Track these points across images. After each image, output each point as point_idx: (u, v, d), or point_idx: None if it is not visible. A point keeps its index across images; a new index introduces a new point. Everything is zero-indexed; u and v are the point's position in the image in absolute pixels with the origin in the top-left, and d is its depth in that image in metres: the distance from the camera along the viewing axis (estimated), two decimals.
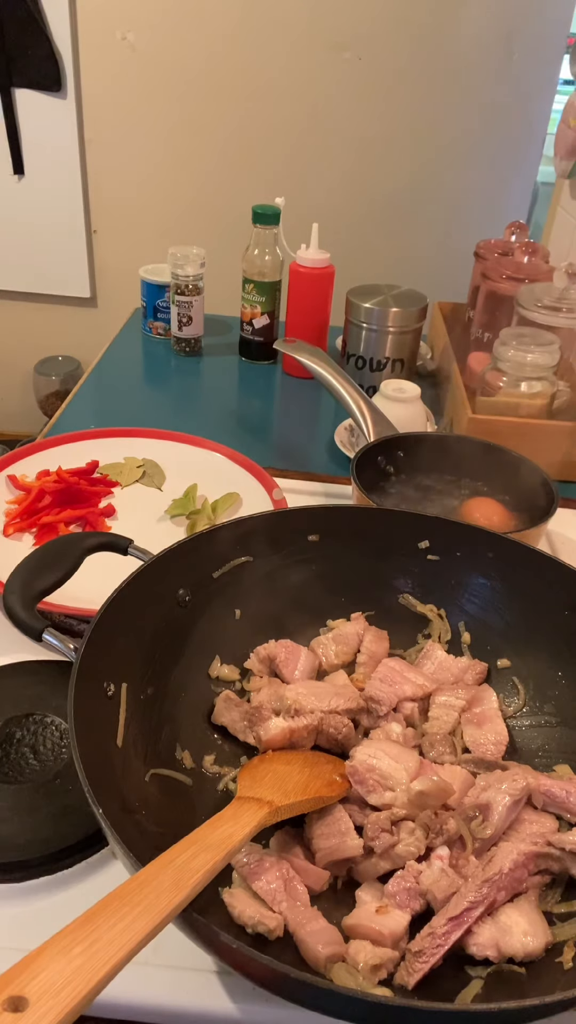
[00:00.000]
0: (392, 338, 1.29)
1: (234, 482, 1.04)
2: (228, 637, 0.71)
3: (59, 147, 2.10)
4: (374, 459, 0.95)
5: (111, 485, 1.03)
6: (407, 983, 0.49)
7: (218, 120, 2.06)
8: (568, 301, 1.15)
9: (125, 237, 2.24)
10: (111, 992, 0.38)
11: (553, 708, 0.68)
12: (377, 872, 0.56)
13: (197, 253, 1.41)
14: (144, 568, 0.64)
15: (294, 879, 0.54)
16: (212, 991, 0.55)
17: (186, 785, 0.61)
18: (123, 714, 0.58)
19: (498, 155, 2.08)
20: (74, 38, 1.97)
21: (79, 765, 0.48)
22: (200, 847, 0.46)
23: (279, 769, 0.58)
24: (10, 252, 2.26)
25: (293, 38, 1.95)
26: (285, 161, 2.10)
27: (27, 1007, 0.34)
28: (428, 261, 2.11)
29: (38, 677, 0.74)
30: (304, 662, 0.70)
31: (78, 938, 0.37)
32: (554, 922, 0.54)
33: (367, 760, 0.59)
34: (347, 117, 2.05)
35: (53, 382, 2.40)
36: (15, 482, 1.00)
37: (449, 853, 0.55)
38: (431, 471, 0.98)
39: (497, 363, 1.12)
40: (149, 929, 0.39)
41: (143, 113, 2.07)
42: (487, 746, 0.65)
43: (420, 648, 0.74)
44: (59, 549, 0.68)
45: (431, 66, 1.97)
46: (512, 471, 0.94)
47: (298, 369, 1.40)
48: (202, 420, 1.28)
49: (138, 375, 1.48)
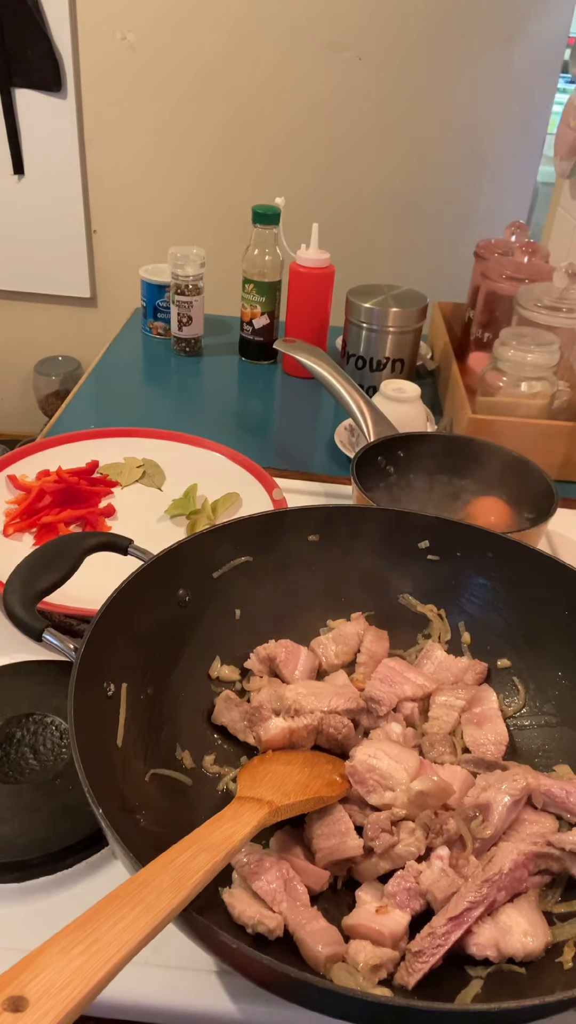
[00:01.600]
0: (392, 338, 1.29)
1: (234, 482, 1.04)
2: (228, 637, 0.71)
3: (59, 147, 2.10)
4: (374, 459, 0.95)
5: (111, 485, 1.03)
6: (407, 983, 0.49)
7: (218, 120, 2.06)
8: (568, 301, 1.15)
9: (125, 237, 2.24)
10: (111, 992, 0.38)
11: (553, 708, 0.68)
12: (377, 872, 0.56)
13: (197, 253, 1.41)
14: (144, 568, 0.64)
15: (294, 879, 0.54)
16: (212, 991, 0.55)
17: (186, 785, 0.61)
18: (123, 714, 0.58)
19: (498, 155, 2.08)
20: (74, 38, 1.97)
21: (79, 765, 0.48)
22: (200, 847, 0.46)
23: (279, 769, 0.58)
24: (10, 252, 2.25)
25: (293, 38, 1.95)
26: (285, 161, 2.10)
27: (27, 1007, 0.34)
28: (428, 261, 2.11)
29: (38, 677, 0.74)
30: (304, 662, 0.70)
31: (78, 938, 0.38)
32: (554, 922, 0.54)
33: (367, 760, 0.59)
34: (347, 117, 2.05)
35: (53, 382, 2.40)
36: (15, 482, 1.00)
37: (449, 853, 0.55)
38: (431, 471, 0.98)
39: (497, 363, 1.12)
40: (149, 929, 0.39)
41: (143, 113, 2.07)
42: (487, 746, 0.65)
43: (420, 648, 0.74)
44: (59, 549, 0.68)
45: (431, 66, 1.97)
46: (512, 471, 0.94)
47: (298, 369, 1.40)
48: (202, 420, 1.28)
49: (138, 375, 1.48)
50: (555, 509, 0.86)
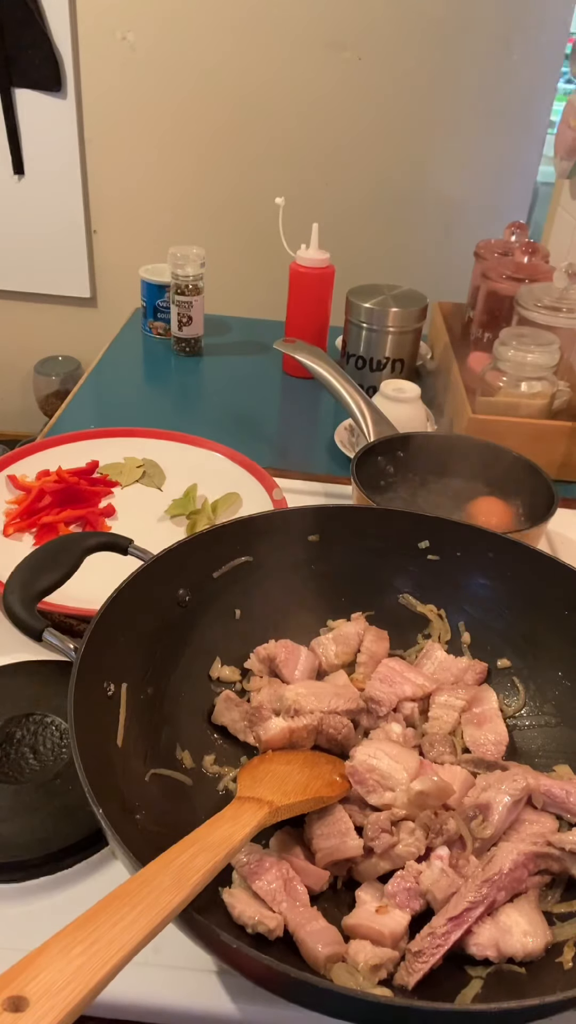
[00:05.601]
0: (392, 338, 1.29)
1: (234, 482, 1.04)
2: (228, 637, 0.71)
3: (59, 147, 2.10)
4: (374, 459, 0.95)
5: (111, 485, 1.03)
6: (407, 983, 0.49)
7: (218, 120, 2.06)
8: (568, 301, 1.15)
9: (125, 237, 2.23)
10: (111, 992, 0.38)
11: (553, 708, 0.68)
12: (377, 872, 0.56)
13: (197, 253, 1.41)
14: (144, 568, 0.64)
15: (294, 879, 0.54)
16: (212, 991, 0.55)
17: (186, 785, 0.61)
18: (123, 714, 0.58)
19: (498, 155, 2.08)
20: (74, 38, 1.97)
21: (79, 765, 0.48)
22: (200, 847, 0.46)
23: (279, 769, 0.58)
24: (10, 252, 2.25)
25: (293, 38, 1.95)
26: (285, 161, 2.10)
27: (27, 1007, 0.34)
28: (428, 261, 2.11)
29: (38, 677, 0.74)
30: (304, 662, 0.70)
31: (78, 938, 0.37)
32: (554, 922, 0.54)
33: (367, 760, 0.59)
34: (347, 117, 2.05)
35: (53, 382, 2.40)
36: (15, 482, 1.00)
37: (449, 853, 0.55)
38: (431, 471, 0.98)
39: (497, 363, 1.12)
40: (149, 929, 0.39)
41: (143, 113, 2.07)
42: (487, 746, 0.65)
43: (420, 648, 0.74)
44: (59, 549, 0.68)
45: (431, 66, 1.97)
46: (512, 471, 0.94)
47: (298, 369, 1.40)
48: (202, 420, 1.28)
49: (138, 375, 1.48)
50: (555, 509, 0.86)
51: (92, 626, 0.57)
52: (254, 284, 2.01)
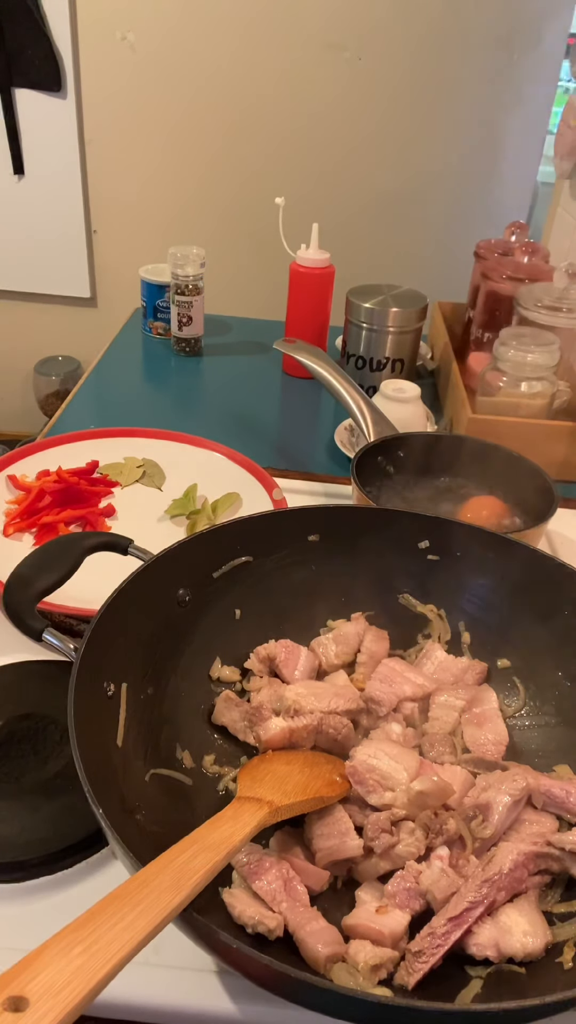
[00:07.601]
0: (392, 338, 1.29)
1: (234, 482, 1.04)
2: (228, 637, 0.71)
3: (59, 147, 2.10)
4: (374, 459, 0.95)
5: (111, 485, 1.03)
6: (407, 983, 0.49)
7: (218, 120, 2.07)
8: (568, 301, 1.15)
9: (125, 237, 2.24)
10: (111, 992, 0.38)
11: (553, 708, 0.68)
12: (377, 872, 0.56)
13: (197, 253, 1.41)
14: (144, 568, 0.64)
15: (294, 879, 0.54)
16: (212, 991, 0.55)
17: (186, 785, 0.61)
18: (123, 714, 0.58)
19: (498, 155, 2.08)
20: (74, 38, 1.97)
21: (79, 765, 0.48)
22: (200, 847, 0.46)
23: (279, 769, 0.58)
24: (10, 252, 2.26)
25: (293, 38, 1.96)
26: (285, 161, 2.10)
27: (27, 1007, 0.34)
28: (428, 261, 2.11)
29: (38, 677, 0.74)
30: (304, 662, 0.70)
31: (78, 938, 0.37)
32: (554, 922, 0.54)
33: (367, 760, 0.59)
34: (347, 117, 2.05)
35: (53, 382, 2.40)
36: (15, 482, 1.00)
37: (449, 853, 0.55)
38: (431, 471, 0.98)
39: (497, 363, 1.12)
40: (149, 929, 0.39)
41: (143, 113, 2.07)
42: (487, 746, 0.65)
43: (420, 648, 0.74)
44: (59, 549, 0.68)
45: (431, 66, 1.97)
46: (512, 471, 0.94)
47: (298, 369, 1.40)
48: (202, 420, 1.28)
49: (138, 375, 1.48)
50: (555, 509, 0.86)
51: (92, 626, 0.57)
52: (254, 284, 2.01)
